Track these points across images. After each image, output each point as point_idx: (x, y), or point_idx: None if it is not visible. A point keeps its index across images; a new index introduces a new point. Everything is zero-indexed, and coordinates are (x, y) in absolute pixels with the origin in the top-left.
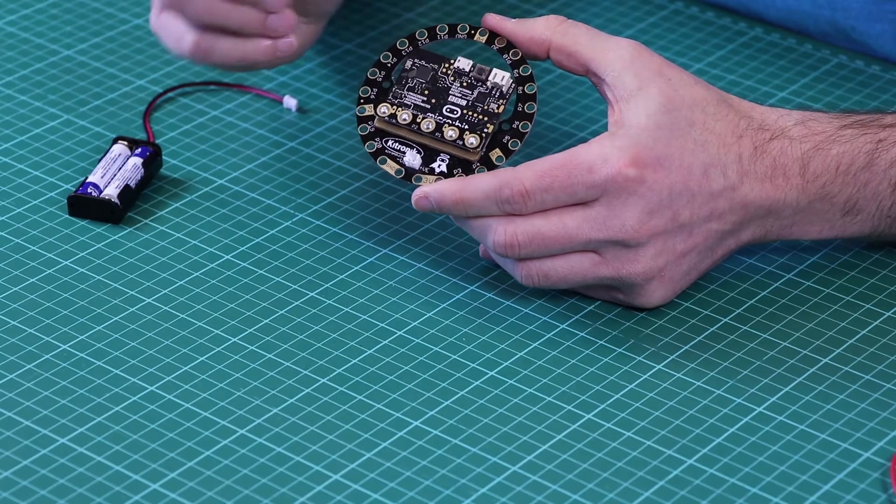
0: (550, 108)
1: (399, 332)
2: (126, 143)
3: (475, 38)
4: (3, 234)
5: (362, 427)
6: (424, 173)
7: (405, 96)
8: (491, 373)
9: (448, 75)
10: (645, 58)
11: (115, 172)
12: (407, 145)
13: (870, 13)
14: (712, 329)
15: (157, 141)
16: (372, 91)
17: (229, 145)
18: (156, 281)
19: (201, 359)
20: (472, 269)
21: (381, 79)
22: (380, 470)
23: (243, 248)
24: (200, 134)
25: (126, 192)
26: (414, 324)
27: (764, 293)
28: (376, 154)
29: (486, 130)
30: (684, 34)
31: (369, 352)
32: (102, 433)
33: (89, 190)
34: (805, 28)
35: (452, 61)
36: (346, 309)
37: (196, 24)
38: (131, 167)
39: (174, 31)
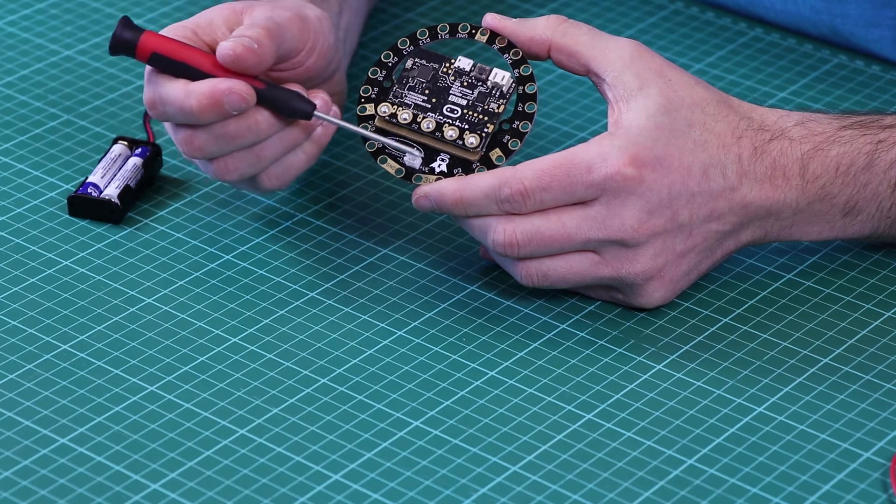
0: (550, 108)
1: (399, 332)
2: (126, 143)
3: (476, 38)
4: (3, 234)
5: (362, 427)
6: (424, 173)
7: (406, 96)
8: (491, 373)
9: (449, 75)
10: (645, 58)
11: (115, 172)
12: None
13: (868, 19)
14: (712, 329)
15: (157, 141)
16: (373, 90)
17: None
18: (156, 281)
19: (201, 359)
20: (472, 269)
21: (381, 78)
22: (380, 470)
23: (243, 248)
24: None
25: (126, 192)
26: (414, 324)
27: (764, 293)
28: (376, 154)
29: (486, 130)
30: (684, 34)
31: (369, 352)
32: (102, 433)
33: (89, 190)
34: (804, 33)
35: (453, 61)
36: (346, 309)
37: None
38: (131, 167)
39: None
